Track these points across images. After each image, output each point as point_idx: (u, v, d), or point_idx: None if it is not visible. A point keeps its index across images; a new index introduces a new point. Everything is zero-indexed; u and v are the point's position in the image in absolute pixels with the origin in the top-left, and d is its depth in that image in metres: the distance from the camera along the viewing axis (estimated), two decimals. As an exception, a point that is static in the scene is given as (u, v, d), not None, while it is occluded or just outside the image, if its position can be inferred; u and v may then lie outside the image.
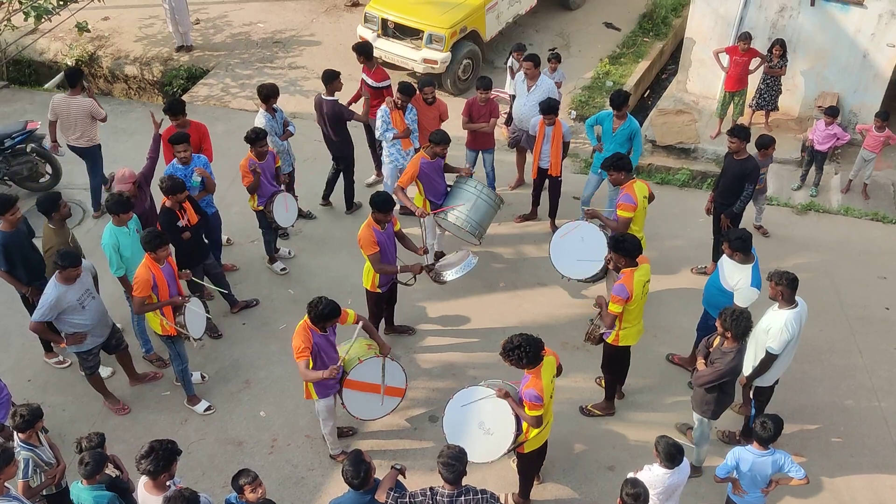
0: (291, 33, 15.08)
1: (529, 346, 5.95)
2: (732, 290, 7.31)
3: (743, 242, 7.25)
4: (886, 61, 11.34)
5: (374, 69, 10.40)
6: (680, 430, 7.71)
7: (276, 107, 9.60)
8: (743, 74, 11.41)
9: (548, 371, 6.14)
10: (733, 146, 8.67)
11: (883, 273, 9.64)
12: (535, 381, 6.05)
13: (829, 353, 8.60)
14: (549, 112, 9.27)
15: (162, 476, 5.55)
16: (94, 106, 9.80)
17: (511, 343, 6.00)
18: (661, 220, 9.98)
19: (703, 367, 6.68)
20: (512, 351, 5.98)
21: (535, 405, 6.04)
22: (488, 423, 6.37)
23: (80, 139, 9.94)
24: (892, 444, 7.71)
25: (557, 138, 9.41)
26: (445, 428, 6.50)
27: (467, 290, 9.32)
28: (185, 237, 8.14)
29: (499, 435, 6.34)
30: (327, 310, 6.50)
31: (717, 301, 7.47)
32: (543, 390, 6.02)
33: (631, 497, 5.43)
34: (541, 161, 9.67)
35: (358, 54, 10.42)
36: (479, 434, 6.38)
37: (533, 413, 6.09)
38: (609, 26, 15.21)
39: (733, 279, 7.31)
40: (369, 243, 7.65)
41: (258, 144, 8.71)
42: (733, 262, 7.34)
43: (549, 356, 6.19)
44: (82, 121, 9.77)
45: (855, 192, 11.08)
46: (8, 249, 7.68)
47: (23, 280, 7.84)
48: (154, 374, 8.44)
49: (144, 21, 15.39)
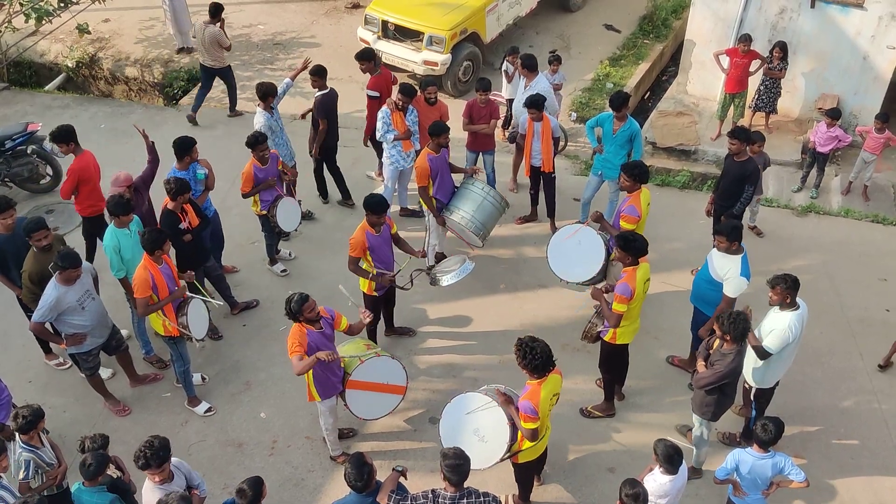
0: (292, 35, 15.09)
1: (542, 356, 5.92)
2: (722, 280, 7.34)
3: (736, 231, 7.32)
4: (886, 63, 11.35)
5: (377, 75, 10.37)
6: (680, 432, 7.71)
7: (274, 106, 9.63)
8: (743, 76, 11.42)
9: (550, 388, 6.09)
10: (733, 148, 8.67)
11: (883, 275, 9.63)
12: (533, 392, 6.01)
13: (829, 355, 8.60)
14: (533, 107, 9.24)
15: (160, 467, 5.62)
16: (220, 35, 11.92)
17: (529, 342, 5.96)
18: (661, 221, 9.98)
19: (703, 369, 6.68)
20: (525, 350, 5.95)
21: (529, 417, 6.02)
22: (483, 430, 6.36)
23: (213, 62, 12.13)
24: (893, 447, 7.70)
25: (547, 134, 9.40)
26: (442, 433, 6.51)
27: (468, 292, 9.32)
28: (187, 240, 8.14)
29: (493, 443, 6.33)
30: (295, 302, 6.52)
31: (706, 294, 7.52)
32: (539, 405, 5.99)
33: (630, 498, 5.44)
34: (532, 159, 9.67)
35: (360, 61, 10.35)
36: (474, 441, 6.36)
37: (527, 426, 6.07)
38: (609, 28, 15.23)
39: (723, 269, 7.34)
40: (356, 246, 7.67)
41: (259, 149, 8.70)
42: (722, 254, 7.39)
43: (555, 374, 6.16)
44: (212, 46, 11.90)
45: (855, 193, 11.08)
46: (3, 252, 7.70)
47: (17, 282, 7.83)
48: (154, 376, 8.44)
49: (145, 23, 15.40)
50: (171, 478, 5.80)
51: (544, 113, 9.37)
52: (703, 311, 7.69)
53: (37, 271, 7.49)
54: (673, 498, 5.96)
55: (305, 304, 6.55)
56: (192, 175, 8.57)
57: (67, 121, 12.64)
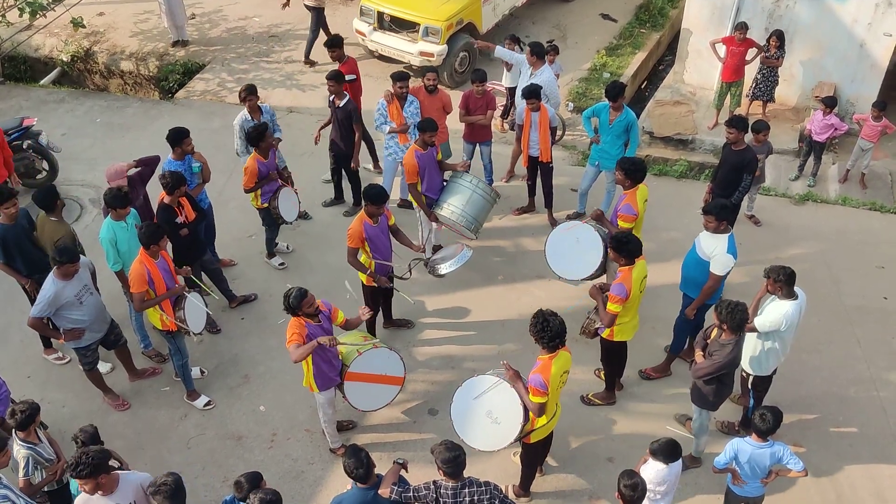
0: (287, 27, 15.03)
1: (555, 330, 5.99)
2: (709, 258, 7.37)
3: (724, 210, 7.38)
4: (883, 50, 11.33)
5: (346, 61, 10.41)
6: (679, 421, 7.72)
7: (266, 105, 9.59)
8: (740, 65, 11.40)
9: (560, 364, 6.15)
10: (731, 137, 8.66)
11: (881, 263, 9.64)
12: (544, 367, 6.07)
13: (827, 343, 8.61)
14: (531, 97, 9.22)
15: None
16: None
17: (547, 315, 6.04)
18: (658, 211, 9.97)
19: (701, 360, 6.69)
20: (542, 322, 6.01)
21: (538, 391, 6.05)
22: (496, 412, 6.38)
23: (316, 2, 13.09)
24: (891, 434, 7.72)
25: (544, 124, 9.38)
26: (453, 415, 6.52)
27: (466, 284, 9.32)
28: (184, 234, 8.13)
29: (506, 424, 6.36)
30: (294, 297, 6.51)
31: (694, 276, 7.57)
32: (550, 379, 6.04)
33: (629, 488, 5.47)
34: (530, 149, 9.65)
35: (331, 48, 10.40)
36: (487, 423, 6.40)
37: (536, 399, 6.10)
38: (606, 17, 15.18)
39: (710, 248, 7.39)
40: (354, 236, 7.65)
41: (263, 143, 8.67)
42: (709, 234, 7.43)
43: (565, 352, 6.21)
44: None
45: (852, 181, 11.08)
46: (6, 242, 7.69)
47: (22, 272, 7.84)
48: (153, 370, 8.44)
49: (140, 16, 15.34)
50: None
51: (542, 103, 9.35)
52: (692, 297, 7.71)
53: (67, 233, 7.85)
54: (671, 485, 5.99)
55: (304, 299, 6.54)
56: (188, 167, 8.55)
57: (63, 115, 12.73)
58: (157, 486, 5.30)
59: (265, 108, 9.49)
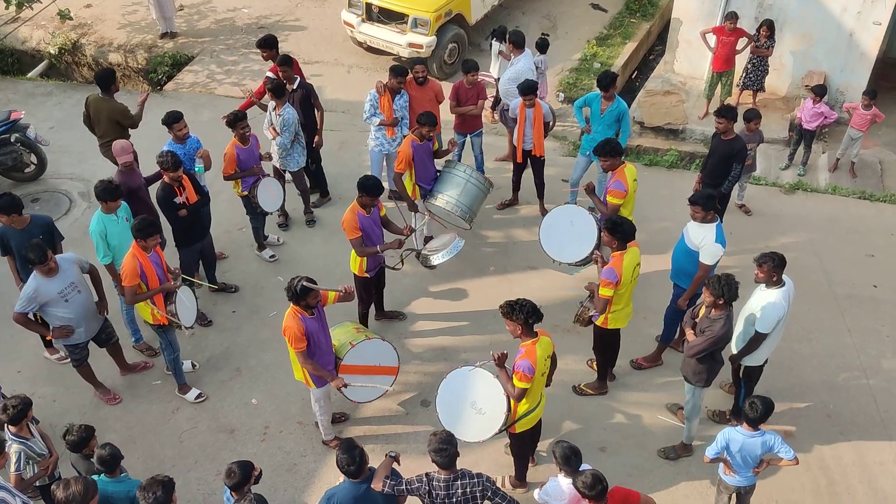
0: (276, 18, 14.96)
1: (529, 307, 6.05)
2: (698, 248, 7.40)
3: (711, 200, 7.40)
4: (873, 39, 11.35)
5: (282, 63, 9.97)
6: (671, 411, 7.75)
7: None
8: (730, 54, 11.41)
9: (543, 348, 6.17)
10: (721, 126, 8.66)
11: (870, 251, 9.68)
12: (530, 351, 6.09)
13: (817, 331, 8.65)
14: (528, 93, 9.24)
15: None
16: None
17: (512, 302, 6.11)
18: (649, 201, 9.98)
19: (692, 338, 6.70)
20: (513, 308, 6.06)
21: (524, 376, 6.07)
22: (480, 402, 6.40)
23: None
24: (881, 422, 7.77)
25: (539, 119, 9.40)
26: (439, 409, 6.52)
27: (457, 275, 9.32)
28: (182, 214, 8.11)
29: (490, 414, 6.37)
30: (302, 288, 6.47)
31: (685, 266, 7.60)
32: (536, 363, 6.07)
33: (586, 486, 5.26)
34: (524, 144, 9.65)
35: (263, 49, 10.11)
36: (472, 414, 6.42)
37: (520, 385, 6.12)
38: (596, 7, 15.15)
39: (698, 238, 7.41)
40: (352, 227, 7.63)
41: (239, 126, 8.66)
42: (697, 224, 7.46)
43: (545, 336, 6.23)
44: None
45: (842, 170, 11.11)
46: (5, 241, 7.67)
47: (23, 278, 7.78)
48: (144, 364, 8.41)
49: (127, 8, 15.24)
50: None
51: (537, 99, 9.36)
52: (683, 287, 7.74)
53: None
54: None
55: (311, 292, 6.50)
56: (191, 164, 8.59)
57: (51, 108, 12.64)
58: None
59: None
